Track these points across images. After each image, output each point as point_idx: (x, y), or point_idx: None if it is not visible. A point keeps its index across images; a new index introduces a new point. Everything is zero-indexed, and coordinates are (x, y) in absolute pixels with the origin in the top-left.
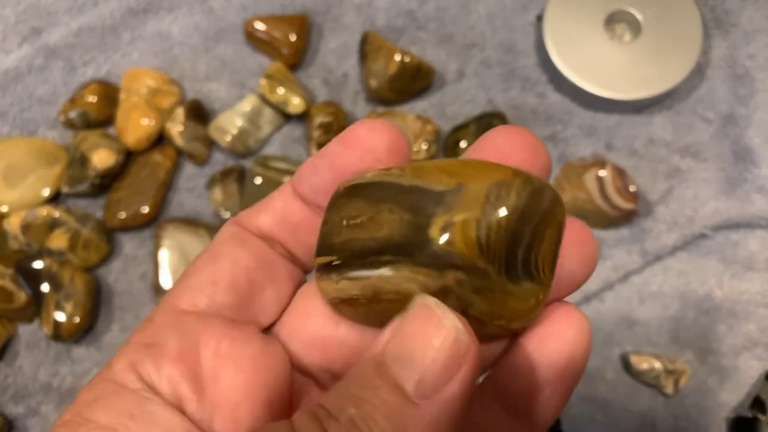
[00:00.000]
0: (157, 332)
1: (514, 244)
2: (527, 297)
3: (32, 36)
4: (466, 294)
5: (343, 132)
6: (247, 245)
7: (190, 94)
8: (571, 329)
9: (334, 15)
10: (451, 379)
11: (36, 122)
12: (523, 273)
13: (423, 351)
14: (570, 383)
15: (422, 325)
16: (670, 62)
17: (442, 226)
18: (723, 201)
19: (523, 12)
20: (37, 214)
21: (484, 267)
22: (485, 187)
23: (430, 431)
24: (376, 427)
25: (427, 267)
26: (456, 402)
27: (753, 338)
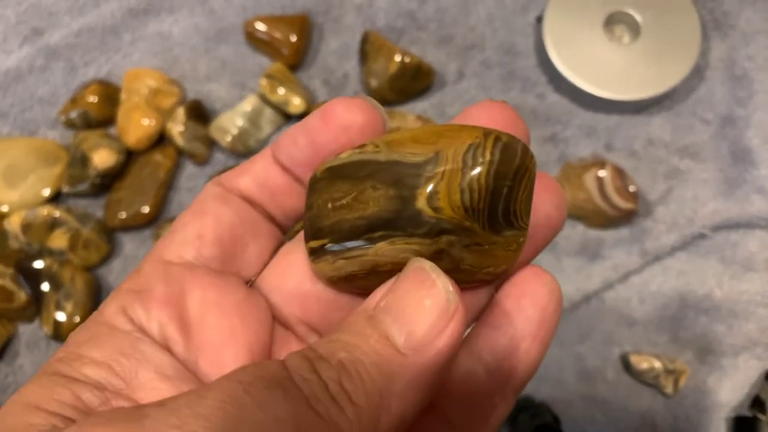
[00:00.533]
0: (145, 280)
1: (494, 200)
2: (509, 243)
3: (33, 36)
4: (458, 252)
5: (322, 107)
6: (230, 203)
7: (191, 95)
8: (543, 288)
9: (334, 15)
10: (438, 335)
11: (37, 122)
12: (504, 223)
13: (414, 308)
14: (545, 338)
15: (415, 285)
16: (669, 63)
17: (427, 196)
18: (722, 201)
19: (523, 13)
20: (37, 214)
21: (470, 225)
22: (460, 152)
23: (414, 381)
24: (363, 371)
25: (421, 237)
26: (441, 356)
27: (752, 338)
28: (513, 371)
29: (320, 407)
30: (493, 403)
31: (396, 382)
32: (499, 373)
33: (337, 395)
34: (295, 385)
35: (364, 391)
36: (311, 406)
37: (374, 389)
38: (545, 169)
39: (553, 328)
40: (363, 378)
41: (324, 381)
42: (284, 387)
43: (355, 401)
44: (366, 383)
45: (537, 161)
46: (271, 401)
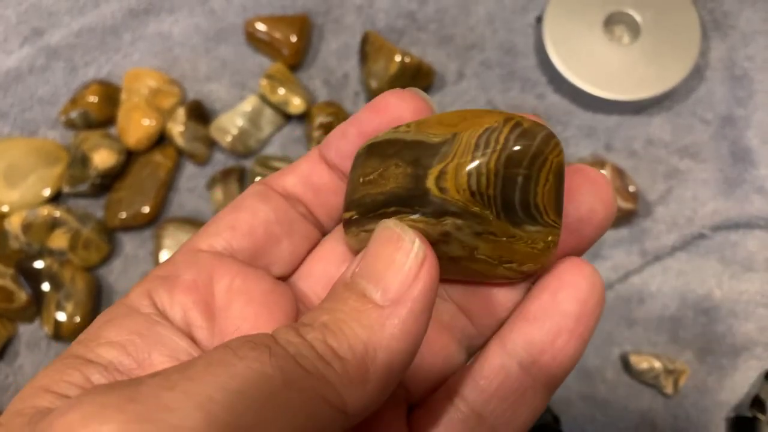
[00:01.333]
0: (174, 267)
1: (507, 187)
2: (535, 240)
3: (33, 36)
4: (468, 238)
5: (372, 100)
6: (269, 201)
7: (191, 95)
8: (584, 281)
9: (334, 16)
10: (412, 284)
11: (37, 122)
12: (525, 216)
13: (385, 265)
14: (583, 334)
15: (384, 244)
16: (669, 63)
17: (436, 176)
18: (722, 201)
19: (523, 13)
20: (37, 214)
21: (479, 211)
22: (476, 135)
23: (396, 330)
24: (346, 327)
25: (426, 216)
26: (418, 303)
27: (752, 338)
28: (548, 367)
29: (306, 363)
30: (525, 399)
31: (378, 333)
32: (534, 368)
33: (322, 352)
34: (282, 347)
35: (348, 345)
36: (298, 363)
37: (358, 342)
38: None
39: (593, 323)
40: (346, 333)
41: (309, 342)
42: (271, 347)
43: (341, 355)
44: (350, 338)
45: None
46: (258, 359)
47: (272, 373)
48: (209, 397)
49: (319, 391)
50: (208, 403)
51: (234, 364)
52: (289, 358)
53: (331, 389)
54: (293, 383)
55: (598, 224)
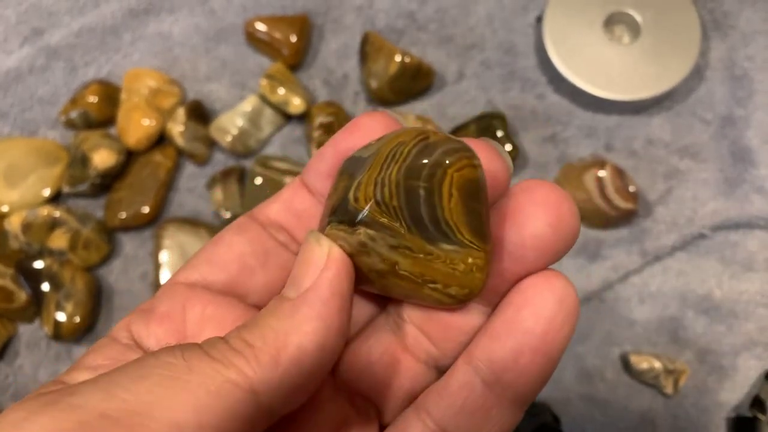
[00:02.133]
0: (153, 301)
1: (411, 200)
2: (453, 261)
3: (33, 36)
4: (385, 251)
5: (348, 122)
6: (246, 233)
7: (191, 95)
8: (551, 295)
9: (334, 16)
10: (320, 276)
11: (37, 122)
12: (436, 233)
13: (300, 269)
14: (550, 352)
15: (302, 253)
16: (669, 63)
17: (355, 186)
18: (722, 201)
19: (523, 13)
20: (37, 214)
21: (387, 222)
22: (387, 149)
23: (306, 316)
24: (262, 322)
25: (345, 224)
26: (326, 290)
27: (752, 338)
28: (513, 385)
29: (215, 353)
30: (491, 416)
31: (290, 321)
32: (498, 386)
33: (234, 344)
34: (197, 345)
35: (260, 334)
36: (206, 353)
37: (269, 331)
38: (545, 169)
39: (562, 340)
40: (260, 326)
41: (225, 339)
42: (182, 346)
43: (252, 343)
44: (262, 328)
45: (537, 162)
46: (167, 352)
47: (176, 361)
48: (111, 381)
49: (223, 374)
50: (107, 384)
51: (146, 357)
52: (199, 350)
53: (237, 372)
54: (197, 369)
55: (545, 249)
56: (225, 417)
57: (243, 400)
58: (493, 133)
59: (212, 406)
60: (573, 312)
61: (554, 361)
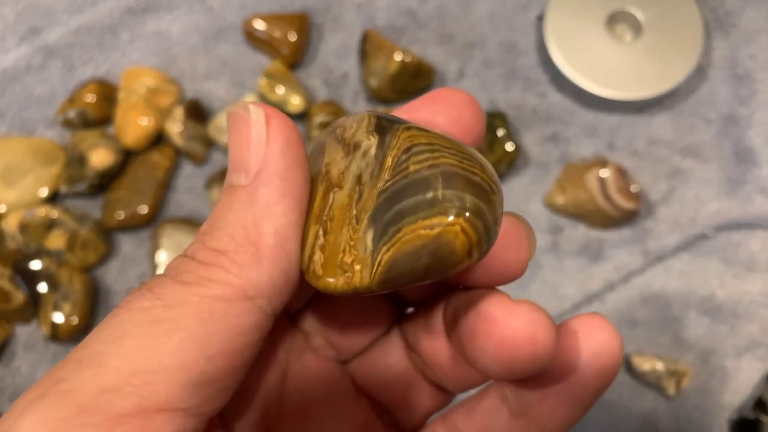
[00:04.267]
0: None
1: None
2: (352, 250)
3: (31, 35)
4: (352, 170)
5: (424, 94)
6: None
7: (189, 94)
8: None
9: (334, 14)
10: (267, 150)
11: (34, 122)
12: (375, 239)
13: (239, 147)
14: (577, 402)
15: (232, 130)
16: (671, 62)
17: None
18: (724, 201)
19: (524, 12)
20: (35, 214)
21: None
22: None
23: (269, 197)
24: (221, 222)
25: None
26: (280, 163)
27: (755, 339)
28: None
29: (187, 277)
30: None
31: (253, 209)
32: (524, 418)
33: (202, 258)
34: (162, 275)
35: (227, 236)
36: (177, 281)
37: (236, 228)
38: (547, 169)
39: (593, 396)
40: (222, 228)
41: (189, 255)
42: (147, 282)
43: (223, 249)
44: (226, 230)
45: (539, 161)
46: (136, 299)
47: (150, 304)
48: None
49: (207, 295)
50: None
51: (116, 314)
52: (168, 281)
53: (221, 286)
54: (176, 301)
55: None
56: (230, 337)
57: (241, 312)
58: (494, 132)
59: (212, 332)
60: (614, 370)
61: (583, 410)
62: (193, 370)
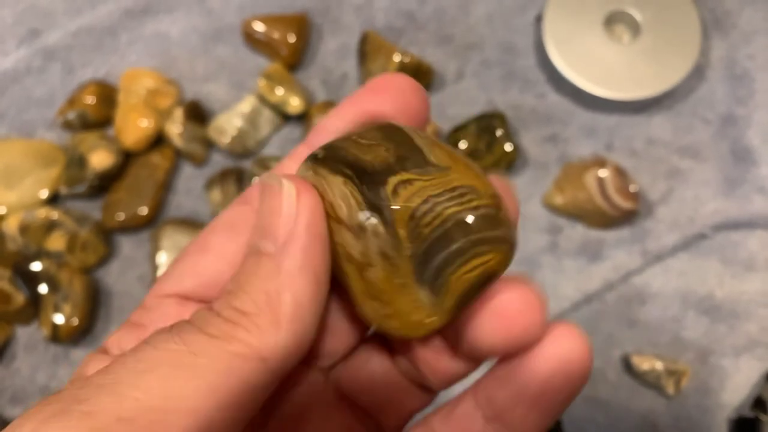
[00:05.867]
0: (142, 314)
1: (438, 244)
2: (416, 310)
3: (30, 37)
4: (374, 250)
5: (367, 83)
6: (238, 235)
7: (189, 95)
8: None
9: (333, 15)
10: (295, 223)
11: (34, 123)
12: (429, 281)
13: (269, 216)
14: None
15: (263, 198)
16: (670, 63)
17: (403, 180)
18: (723, 201)
19: (522, 12)
20: (35, 216)
21: (402, 236)
22: (460, 181)
23: (293, 268)
24: (247, 285)
25: (364, 198)
26: (306, 237)
27: (754, 338)
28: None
29: (212, 330)
30: None
31: (277, 278)
32: (497, 423)
33: (228, 316)
34: (190, 323)
35: (251, 300)
36: (204, 332)
37: (259, 293)
38: (546, 169)
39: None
40: (247, 290)
41: (215, 310)
42: (176, 327)
43: (245, 311)
44: (251, 293)
45: (537, 161)
46: (164, 340)
47: (177, 347)
48: (115, 382)
49: (228, 350)
50: (114, 386)
51: (142, 349)
52: (194, 330)
53: (241, 345)
54: (201, 350)
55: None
56: (241, 392)
57: (254, 371)
58: (492, 132)
59: (226, 384)
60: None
61: (553, 416)
62: (203, 416)
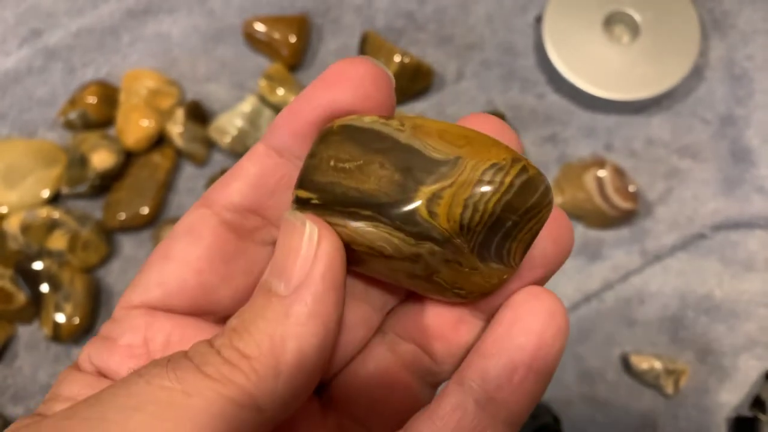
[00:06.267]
0: (112, 326)
1: (494, 229)
2: (492, 276)
3: (32, 37)
4: (436, 263)
5: (324, 72)
6: (201, 240)
7: (190, 95)
8: (541, 312)
9: (333, 16)
10: (311, 268)
11: (35, 123)
12: (495, 256)
13: (286, 256)
14: (542, 368)
15: (283, 236)
16: (669, 63)
17: (429, 197)
18: (722, 201)
19: (522, 13)
20: (36, 215)
21: (459, 243)
22: (481, 167)
23: (302, 316)
24: (253, 326)
25: (406, 234)
26: (320, 285)
27: (753, 338)
28: (506, 404)
29: (209, 370)
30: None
31: (284, 323)
32: (491, 406)
33: (228, 356)
34: (187, 358)
35: (255, 342)
36: (201, 371)
37: (264, 337)
38: (545, 169)
39: (554, 356)
40: (252, 332)
41: (216, 348)
42: (173, 361)
43: (247, 354)
44: (255, 335)
45: (537, 162)
46: (158, 375)
47: (170, 385)
48: (103, 417)
49: (223, 393)
50: (99, 422)
51: (135, 383)
52: (191, 368)
53: (237, 390)
54: (195, 391)
55: (549, 265)
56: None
57: (247, 418)
58: None
59: (217, 429)
60: (563, 327)
61: (547, 376)
62: None
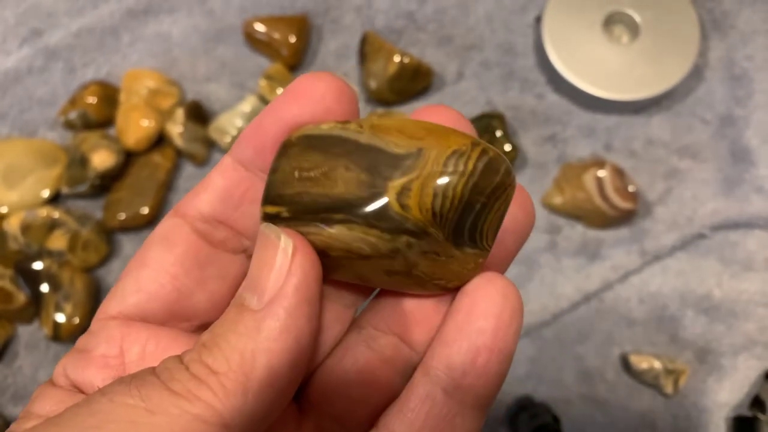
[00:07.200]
0: (88, 338)
1: (464, 213)
2: (468, 261)
3: (32, 37)
4: (414, 256)
5: (287, 87)
6: (175, 247)
7: (190, 95)
8: (496, 295)
9: (333, 16)
10: (285, 282)
11: (36, 123)
12: (468, 240)
13: (259, 270)
14: (503, 349)
15: (258, 249)
16: (668, 63)
17: (398, 191)
18: (721, 201)
19: (522, 13)
20: (36, 215)
21: (434, 233)
22: (443, 155)
23: (273, 331)
24: (223, 341)
25: (381, 230)
26: (293, 299)
27: (752, 338)
28: (473, 388)
29: (176, 386)
30: (455, 425)
31: (255, 338)
32: (458, 392)
33: (196, 371)
34: (154, 375)
35: (224, 357)
36: (167, 387)
37: (233, 352)
38: (545, 169)
39: (512, 336)
40: (222, 347)
41: (185, 363)
42: (137, 378)
43: (215, 370)
44: (225, 350)
45: (537, 162)
46: (121, 392)
47: (133, 402)
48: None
49: (189, 411)
50: None
51: (97, 401)
52: (157, 384)
53: (204, 407)
54: (159, 408)
55: (519, 232)
56: None
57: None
58: (492, 133)
59: None
60: (518, 307)
61: (508, 357)
62: None
